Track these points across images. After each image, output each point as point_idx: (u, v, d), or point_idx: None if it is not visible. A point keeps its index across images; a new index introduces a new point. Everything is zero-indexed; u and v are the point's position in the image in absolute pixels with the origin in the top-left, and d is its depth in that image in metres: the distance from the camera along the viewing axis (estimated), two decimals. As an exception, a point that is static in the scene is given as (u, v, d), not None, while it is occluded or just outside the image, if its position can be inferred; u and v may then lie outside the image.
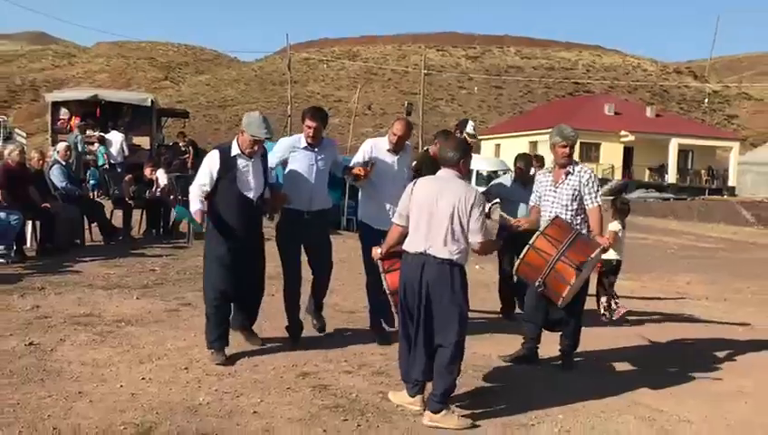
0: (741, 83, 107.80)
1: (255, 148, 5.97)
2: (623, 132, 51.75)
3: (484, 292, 9.41)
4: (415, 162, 7.48)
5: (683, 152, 53.58)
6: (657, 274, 14.34)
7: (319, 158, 6.57)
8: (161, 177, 13.77)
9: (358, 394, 5.53)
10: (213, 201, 6.06)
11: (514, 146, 53.30)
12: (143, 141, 21.98)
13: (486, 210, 6.03)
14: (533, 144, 53.34)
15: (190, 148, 20.66)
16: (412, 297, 5.10)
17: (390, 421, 5.05)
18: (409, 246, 5.18)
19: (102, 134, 19.58)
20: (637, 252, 19.13)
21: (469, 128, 8.17)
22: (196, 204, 5.95)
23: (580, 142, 50.84)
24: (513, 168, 9.12)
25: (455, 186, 5.15)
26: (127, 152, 19.61)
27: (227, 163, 5.97)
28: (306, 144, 6.53)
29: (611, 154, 51.67)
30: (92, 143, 19.35)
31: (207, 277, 6.18)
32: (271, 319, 7.06)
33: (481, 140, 61.14)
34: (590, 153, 51.70)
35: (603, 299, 9.03)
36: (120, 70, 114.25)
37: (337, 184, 10.20)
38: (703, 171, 54.54)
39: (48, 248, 10.60)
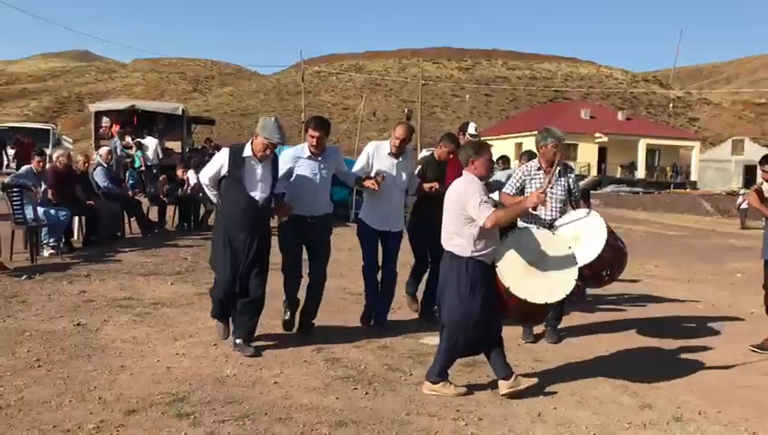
0: (701, 90, 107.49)
1: (267, 152, 5.55)
2: (597, 134, 51.68)
3: None
4: (420, 166, 7.16)
5: (651, 151, 53.51)
6: (629, 258, 14.26)
7: (322, 166, 6.12)
8: (191, 177, 13.77)
9: (366, 366, 5.54)
10: (221, 199, 5.74)
11: (503, 147, 53.18)
12: (175, 146, 22.02)
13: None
14: (519, 145, 53.28)
15: (215, 151, 20.65)
16: None
17: (395, 390, 5.06)
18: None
19: (140, 139, 19.59)
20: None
21: (471, 129, 7.82)
22: (211, 195, 5.84)
23: (560, 143, 51.16)
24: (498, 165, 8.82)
25: (455, 187, 5.09)
26: (161, 155, 19.61)
27: (237, 161, 5.54)
28: (310, 153, 6.08)
29: (587, 153, 51.60)
30: (130, 147, 19.35)
31: (214, 267, 5.85)
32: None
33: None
34: (569, 153, 51.49)
35: None
36: (154, 83, 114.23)
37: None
38: (668, 168, 54.48)
39: (92, 240, 10.63)
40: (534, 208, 5.16)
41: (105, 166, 11.96)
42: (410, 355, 5.92)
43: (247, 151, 5.57)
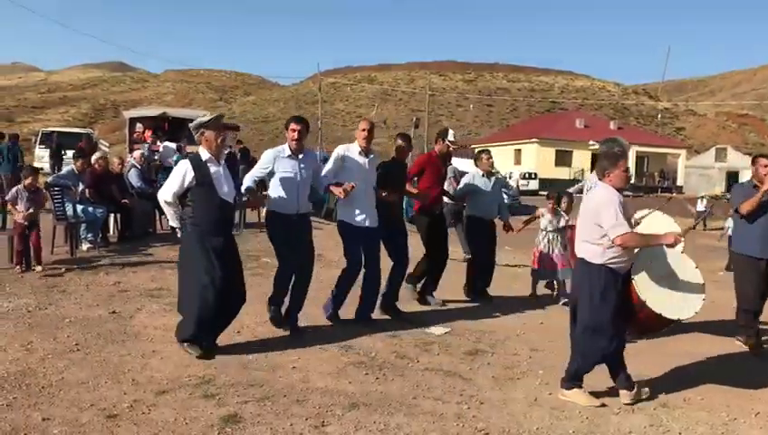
0: (687, 102, 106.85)
1: (220, 140, 5.15)
2: (591, 142, 50.65)
3: (513, 282, 9.23)
4: (380, 170, 6.62)
5: (640, 158, 53.20)
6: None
7: (302, 165, 5.85)
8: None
9: (376, 353, 5.54)
10: (192, 210, 5.14)
11: (503, 153, 53.19)
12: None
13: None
14: (518, 151, 53.21)
15: (237, 151, 20.59)
16: None
17: (403, 375, 5.06)
18: None
19: (160, 143, 19.50)
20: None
21: (450, 136, 7.59)
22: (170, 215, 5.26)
23: (556, 150, 50.95)
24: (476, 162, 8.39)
25: (593, 196, 4.89)
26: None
27: (201, 168, 5.10)
28: (290, 152, 5.82)
29: (581, 160, 51.33)
30: (157, 151, 19.32)
31: (191, 282, 5.16)
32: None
33: (475, 148, 60.96)
34: (564, 159, 51.48)
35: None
36: (183, 92, 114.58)
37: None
38: (656, 173, 54.16)
39: (127, 236, 10.66)
40: (672, 246, 4.78)
41: (138, 168, 12.00)
42: (417, 344, 5.92)
43: (204, 155, 5.17)
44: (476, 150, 9.39)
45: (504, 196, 10.04)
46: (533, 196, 37.37)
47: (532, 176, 45.02)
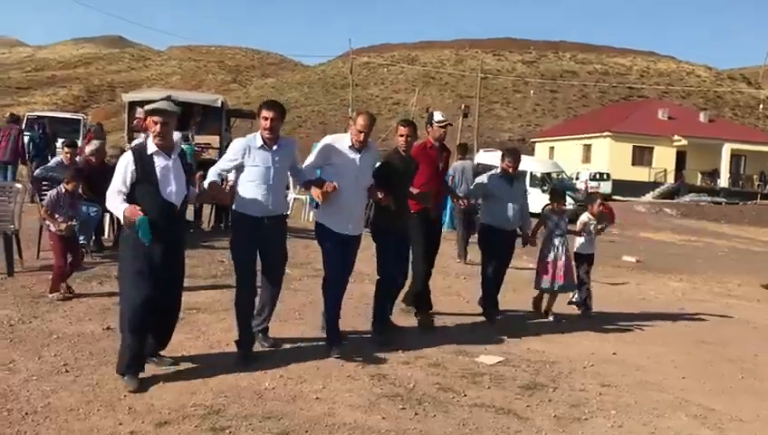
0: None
1: (159, 127, 5.06)
2: (676, 137, 50.71)
3: (510, 293, 9.23)
4: (379, 163, 6.68)
5: (735, 157, 52.28)
6: (707, 275, 14.01)
7: (276, 158, 5.76)
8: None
9: (415, 384, 5.55)
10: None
11: (568, 149, 52.84)
12: (213, 140, 22.18)
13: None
14: (587, 147, 52.71)
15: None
16: None
17: (447, 411, 5.06)
18: None
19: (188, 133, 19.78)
20: (688, 254, 18.79)
21: (437, 116, 7.45)
22: (120, 205, 5.07)
23: (633, 146, 50.38)
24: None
25: None
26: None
27: (144, 162, 5.06)
28: (262, 143, 5.74)
29: (664, 158, 50.69)
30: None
31: (126, 296, 5.18)
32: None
33: (535, 142, 60.63)
34: (644, 157, 50.86)
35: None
36: (191, 72, 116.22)
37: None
38: (755, 176, 53.13)
39: (124, 239, 10.83)
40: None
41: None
42: (464, 374, 5.91)
43: (151, 147, 5.12)
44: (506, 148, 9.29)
45: (570, 200, 10.14)
46: (605, 201, 36.97)
47: (605, 176, 44.53)
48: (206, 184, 5.83)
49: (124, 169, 5.08)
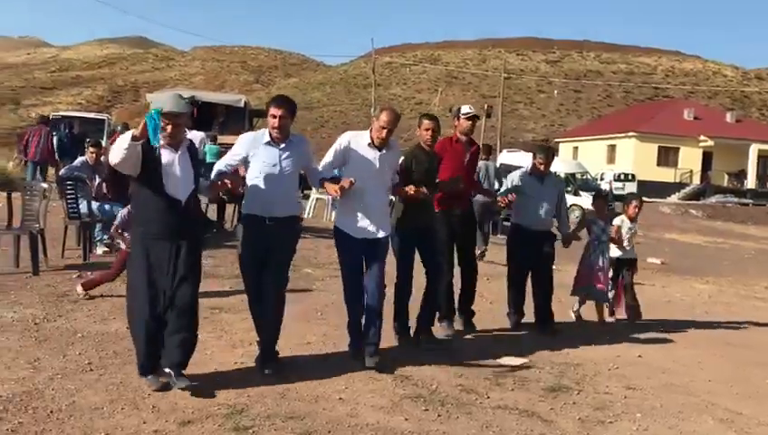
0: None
1: (169, 129, 4.80)
2: (702, 137, 50.28)
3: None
4: (403, 158, 6.41)
5: (763, 158, 51.66)
6: (733, 278, 13.89)
7: (283, 156, 5.43)
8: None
9: (438, 385, 5.54)
10: (133, 203, 5.12)
11: (592, 149, 52.58)
12: (236, 141, 22.30)
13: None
14: (612, 147, 52.39)
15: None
16: None
17: (470, 413, 5.04)
18: None
19: (197, 133, 19.94)
20: (714, 256, 18.61)
21: (465, 108, 7.26)
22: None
23: (659, 146, 49.99)
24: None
25: None
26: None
27: (147, 153, 4.78)
28: (269, 139, 5.44)
29: (690, 159, 50.28)
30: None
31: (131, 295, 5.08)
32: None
33: (558, 142, 60.33)
34: (669, 157, 50.47)
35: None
36: (214, 73, 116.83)
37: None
38: (783, 178, 52.56)
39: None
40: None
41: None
42: (487, 376, 5.90)
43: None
44: (538, 145, 9.19)
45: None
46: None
47: (629, 177, 44.11)
48: (212, 175, 5.53)
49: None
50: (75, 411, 4.55)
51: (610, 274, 8.25)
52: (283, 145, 5.46)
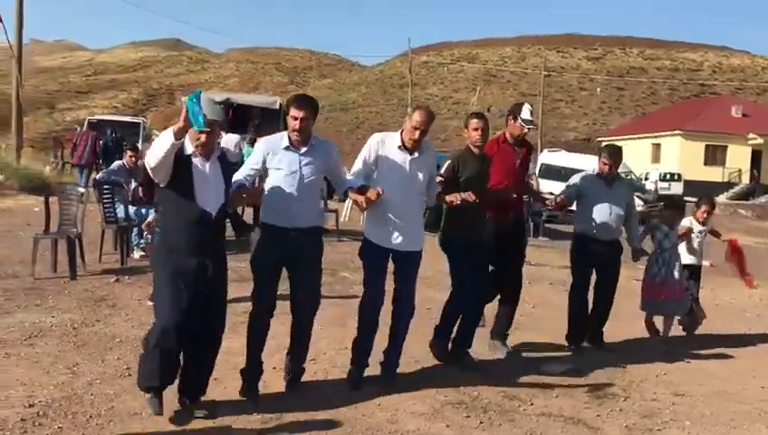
0: None
1: (203, 138, 4.47)
2: (751, 135, 49.42)
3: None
4: (449, 162, 6.04)
5: (816, 162, 50.66)
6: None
7: (304, 162, 5.06)
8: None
9: (479, 392, 5.53)
10: (159, 214, 4.82)
11: (636, 148, 51.89)
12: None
13: None
14: (657, 146, 51.78)
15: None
16: None
17: (513, 420, 5.02)
18: None
19: (232, 135, 20.11)
20: (764, 257, 18.27)
21: (525, 113, 6.51)
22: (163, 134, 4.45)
23: (706, 145, 49.29)
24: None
25: None
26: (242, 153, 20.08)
27: (178, 162, 4.47)
28: (289, 144, 5.08)
29: (738, 157, 49.47)
30: (218, 143, 19.87)
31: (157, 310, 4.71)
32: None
33: (601, 141, 59.78)
34: (716, 156, 49.71)
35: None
36: (249, 75, 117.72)
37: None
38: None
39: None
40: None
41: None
42: (531, 382, 5.86)
43: (189, 147, 4.55)
44: (603, 145, 8.54)
45: (638, 202, 9.67)
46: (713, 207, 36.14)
47: (675, 177, 43.64)
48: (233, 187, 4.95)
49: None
50: (114, 417, 4.62)
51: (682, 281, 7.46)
52: (304, 149, 5.09)
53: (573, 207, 7.42)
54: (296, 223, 5.07)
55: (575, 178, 7.31)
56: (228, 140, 19.97)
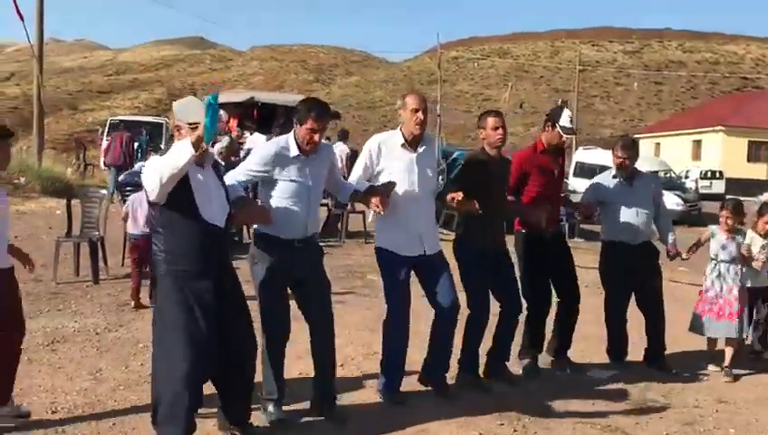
0: None
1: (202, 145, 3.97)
2: (797, 130, 48.76)
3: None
4: (460, 167, 5.80)
5: None
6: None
7: (311, 169, 4.84)
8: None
9: (513, 399, 5.50)
10: (162, 238, 4.29)
11: (676, 145, 51.51)
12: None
13: None
14: (697, 142, 51.24)
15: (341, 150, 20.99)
16: None
17: (548, 428, 5.00)
18: None
19: (257, 135, 20.20)
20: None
21: (564, 119, 6.06)
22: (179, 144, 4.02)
23: (749, 141, 48.69)
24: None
25: None
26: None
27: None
28: (298, 152, 4.78)
29: (783, 153, 48.82)
30: (242, 143, 19.96)
31: (166, 350, 4.27)
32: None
33: (639, 138, 59.28)
34: (760, 152, 49.05)
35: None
36: (273, 73, 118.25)
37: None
38: None
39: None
40: None
41: (223, 164, 12.45)
42: (565, 389, 5.83)
43: None
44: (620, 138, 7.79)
45: (678, 201, 9.39)
46: (719, 200, 35.81)
47: (717, 175, 43.18)
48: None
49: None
50: (139, 424, 4.68)
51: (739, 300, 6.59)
52: (312, 156, 4.87)
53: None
54: (303, 234, 4.89)
55: (596, 179, 6.93)
56: (255, 141, 20.05)
